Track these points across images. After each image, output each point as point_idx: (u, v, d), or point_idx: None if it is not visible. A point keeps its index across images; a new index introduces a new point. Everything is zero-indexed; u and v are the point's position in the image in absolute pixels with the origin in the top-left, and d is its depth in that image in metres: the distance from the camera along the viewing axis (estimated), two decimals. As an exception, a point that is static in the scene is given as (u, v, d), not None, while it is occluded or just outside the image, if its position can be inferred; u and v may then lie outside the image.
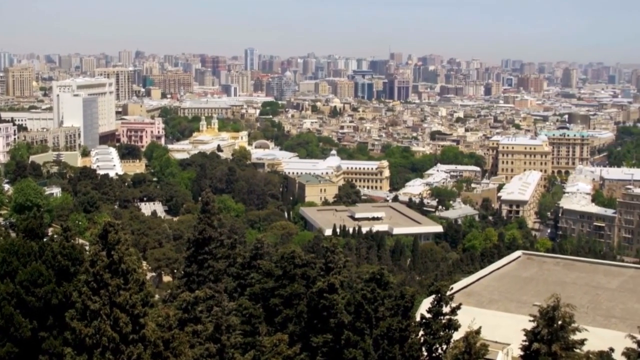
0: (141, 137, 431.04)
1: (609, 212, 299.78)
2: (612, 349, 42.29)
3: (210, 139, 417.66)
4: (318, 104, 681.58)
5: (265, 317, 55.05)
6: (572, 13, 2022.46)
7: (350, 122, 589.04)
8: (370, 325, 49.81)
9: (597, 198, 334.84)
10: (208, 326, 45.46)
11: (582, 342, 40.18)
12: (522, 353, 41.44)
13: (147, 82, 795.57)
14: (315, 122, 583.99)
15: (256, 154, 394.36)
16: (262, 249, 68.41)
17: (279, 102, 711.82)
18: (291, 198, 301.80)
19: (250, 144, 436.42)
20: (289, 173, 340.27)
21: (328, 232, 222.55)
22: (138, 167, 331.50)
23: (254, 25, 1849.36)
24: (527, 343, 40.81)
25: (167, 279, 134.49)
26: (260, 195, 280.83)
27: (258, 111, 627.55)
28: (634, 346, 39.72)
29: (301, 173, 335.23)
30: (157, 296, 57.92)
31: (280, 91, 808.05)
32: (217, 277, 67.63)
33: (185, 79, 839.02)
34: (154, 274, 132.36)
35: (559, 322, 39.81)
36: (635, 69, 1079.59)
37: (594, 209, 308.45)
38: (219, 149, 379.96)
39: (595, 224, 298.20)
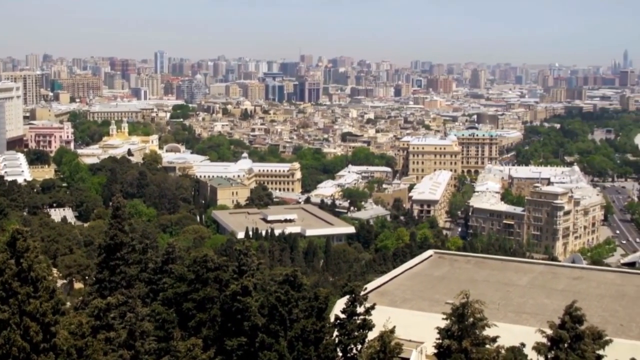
0: (50, 142, 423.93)
1: (518, 210, 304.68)
2: (523, 344, 42.95)
3: (120, 143, 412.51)
4: (229, 106, 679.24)
5: (178, 322, 54.64)
6: (479, 15, 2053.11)
7: (262, 124, 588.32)
8: (284, 327, 49.79)
9: (506, 196, 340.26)
10: (121, 333, 44.95)
11: (493, 338, 40.69)
12: (435, 350, 41.80)
13: (55, 86, 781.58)
14: (227, 124, 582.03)
15: (167, 157, 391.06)
16: (174, 254, 67.89)
17: (190, 105, 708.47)
18: (203, 202, 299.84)
19: (161, 147, 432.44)
20: (200, 176, 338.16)
21: (241, 235, 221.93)
22: (47, 172, 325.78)
23: (164, 28, 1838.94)
24: (440, 340, 41.19)
25: (78, 285, 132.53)
26: (171, 200, 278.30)
27: (169, 114, 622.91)
28: (544, 340, 40.37)
29: (213, 176, 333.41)
30: (68, 304, 56.98)
31: (191, 94, 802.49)
32: (130, 283, 66.88)
33: (94, 82, 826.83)
34: (65, 281, 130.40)
35: (470, 319, 40.26)
36: (541, 70, 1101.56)
37: (503, 207, 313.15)
38: (130, 153, 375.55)
39: (504, 222, 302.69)
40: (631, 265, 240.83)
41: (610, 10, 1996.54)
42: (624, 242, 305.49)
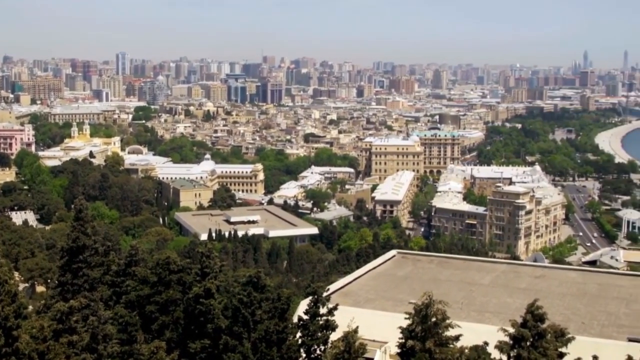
0: (10, 144, 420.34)
1: (480, 209, 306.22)
2: (486, 343, 43.14)
3: (82, 145, 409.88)
4: (191, 108, 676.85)
5: (141, 325, 54.34)
6: (441, 16, 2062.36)
7: (224, 125, 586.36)
8: (248, 329, 49.71)
9: (468, 196, 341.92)
10: (84, 336, 44.61)
11: (456, 337, 40.86)
12: (399, 350, 41.92)
13: (15, 88, 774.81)
14: (189, 126, 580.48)
15: (129, 159, 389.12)
16: (137, 256, 67.42)
17: (152, 106, 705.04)
18: (166, 203, 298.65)
19: (123, 149, 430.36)
20: (163, 178, 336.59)
21: (204, 236, 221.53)
22: (8, 175, 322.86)
23: (125, 29, 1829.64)
24: (403, 340, 41.31)
25: (40, 289, 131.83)
26: (134, 202, 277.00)
27: (131, 116, 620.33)
28: (507, 339, 40.63)
29: (175, 178, 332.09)
30: (30, 307, 56.57)
31: (153, 96, 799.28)
32: (92, 286, 66.39)
33: (55, 84, 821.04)
34: (26, 284, 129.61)
35: (432, 319, 40.42)
36: (502, 70, 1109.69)
37: (466, 207, 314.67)
38: (92, 155, 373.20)
39: (467, 221, 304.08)
40: (592, 263, 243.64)
41: (569, 12, 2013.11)
42: (588, 244, 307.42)
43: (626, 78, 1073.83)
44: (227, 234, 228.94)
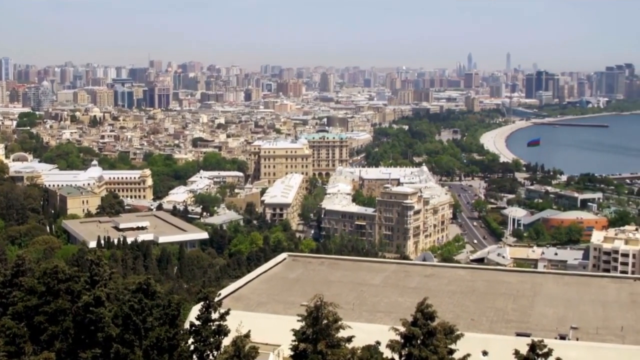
0: None
1: (369, 210, 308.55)
2: (378, 342, 43.65)
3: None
4: (77, 113, 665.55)
5: (30, 336, 53.36)
6: (328, 20, 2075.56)
7: (111, 131, 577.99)
8: (139, 337, 49.19)
9: (357, 198, 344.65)
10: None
11: (348, 338, 41.15)
12: (292, 353, 42.04)
13: None
14: (75, 132, 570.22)
15: (14, 167, 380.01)
16: (24, 266, 66.17)
17: (37, 112, 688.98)
18: (53, 211, 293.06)
19: (7, 157, 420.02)
20: (49, 186, 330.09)
21: (92, 244, 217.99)
22: None
23: (7, 33, 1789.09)
24: (295, 343, 41.45)
25: None
26: (19, 210, 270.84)
27: (15, 123, 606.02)
28: (398, 338, 41.08)
29: (62, 185, 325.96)
30: None
31: (38, 101, 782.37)
32: (-23, 298, 65.00)
33: None
34: None
35: (324, 321, 40.62)
36: (389, 73, 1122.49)
37: (355, 208, 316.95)
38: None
39: (356, 222, 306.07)
40: (480, 261, 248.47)
41: (454, 15, 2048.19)
42: (476, 242, 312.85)
43: (509, 79, 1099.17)
44: (116, 241, 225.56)
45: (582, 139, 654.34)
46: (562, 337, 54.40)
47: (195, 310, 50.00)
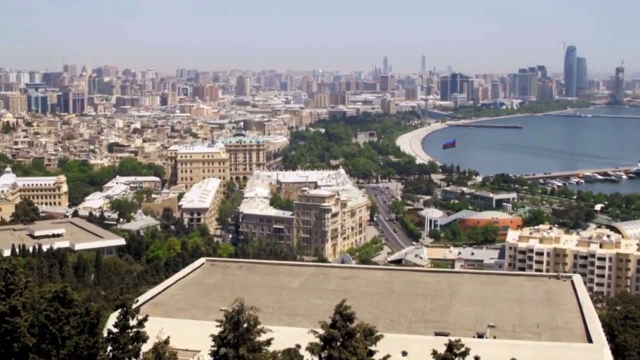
0: None
1: (287, 214, 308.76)
2: (298, 346, 43.64)
3: None
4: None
5: (-58, 347, 52.33)
6: (243, 24, 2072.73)
7: (25, 137, 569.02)
8: (56, 346, 48.48)
9: (275, 201, 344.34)
10: None
11: (268, 342, 41.07)
12: (212, 358, 41.84)
13: None
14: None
15: None
16: None
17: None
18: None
19: None
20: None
21: (7, 252, 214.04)
22: None
23: None
24: (215, 348, 41.26)
25: None
26: None
27: None
28: (317, 340, 41.17)
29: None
30: None
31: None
32: None
33: None
34: None
35: (244, 325, 40.51)
36: (305, 76, 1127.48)
37: (273, 212, 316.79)
38: None
39: (274, 226, 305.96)
40: (397, 262, 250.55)
41: (368, 18, 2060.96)
42: (393, 243, 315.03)
43: (424, 82, 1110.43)
44: (31, 249, 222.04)
45: (496, 140, 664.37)
46: (480, 336, 55.02)
47: (113, 317, 49.42)
